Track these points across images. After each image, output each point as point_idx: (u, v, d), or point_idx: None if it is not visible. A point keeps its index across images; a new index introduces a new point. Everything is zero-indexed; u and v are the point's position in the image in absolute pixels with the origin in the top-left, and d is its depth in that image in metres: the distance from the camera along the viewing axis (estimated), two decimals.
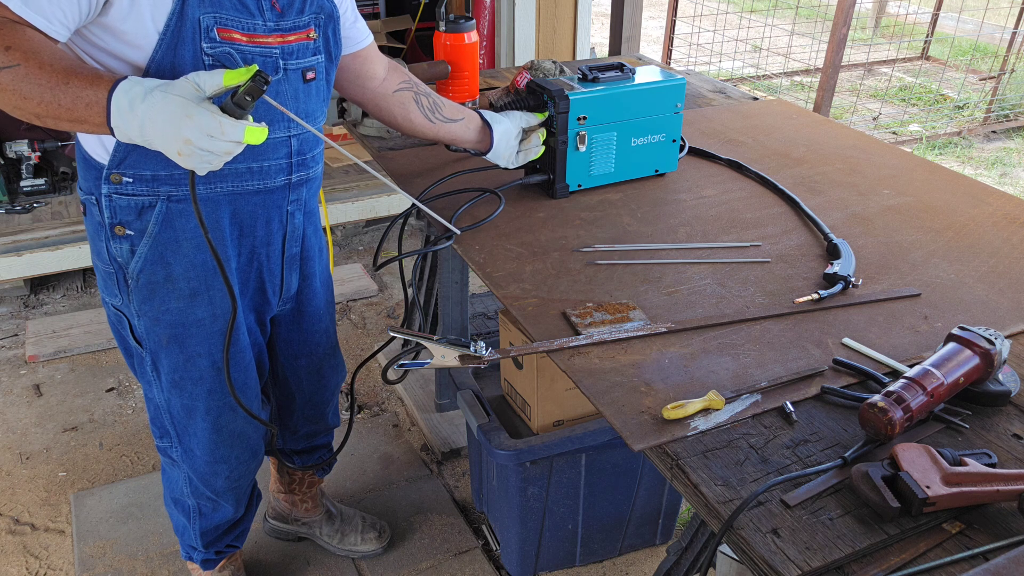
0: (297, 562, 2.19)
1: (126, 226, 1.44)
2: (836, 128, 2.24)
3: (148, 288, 1.50)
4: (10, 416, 2.73)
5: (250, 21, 1.35)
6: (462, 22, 2.14)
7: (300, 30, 1.43)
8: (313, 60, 1.48)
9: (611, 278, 1.49)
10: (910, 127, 5.48)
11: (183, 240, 1.47)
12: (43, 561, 2.20)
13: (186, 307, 1.53)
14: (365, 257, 3.74)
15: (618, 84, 1.73)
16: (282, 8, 1.40)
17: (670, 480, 1.10)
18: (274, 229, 1.57)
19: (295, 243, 1.63)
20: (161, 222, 1.44)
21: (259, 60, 1.37)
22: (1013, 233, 1.67)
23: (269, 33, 1.38)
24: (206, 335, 1.56)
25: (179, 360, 1.58)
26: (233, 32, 1.33)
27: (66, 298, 3.38)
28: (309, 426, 1.98)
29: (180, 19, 1.27)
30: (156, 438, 1.76)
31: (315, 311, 1.78)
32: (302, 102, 1.48)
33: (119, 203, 1.42)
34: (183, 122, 1.16)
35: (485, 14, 3.82)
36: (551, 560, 2.14)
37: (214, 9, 1.30)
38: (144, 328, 1.55)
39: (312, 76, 1.49)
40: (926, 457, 1.02)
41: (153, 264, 1.48)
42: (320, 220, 1.75)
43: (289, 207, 1.58)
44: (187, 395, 1.63)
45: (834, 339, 1.33)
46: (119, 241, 1.46)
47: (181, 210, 1.44)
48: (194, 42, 1.29)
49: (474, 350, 1.26)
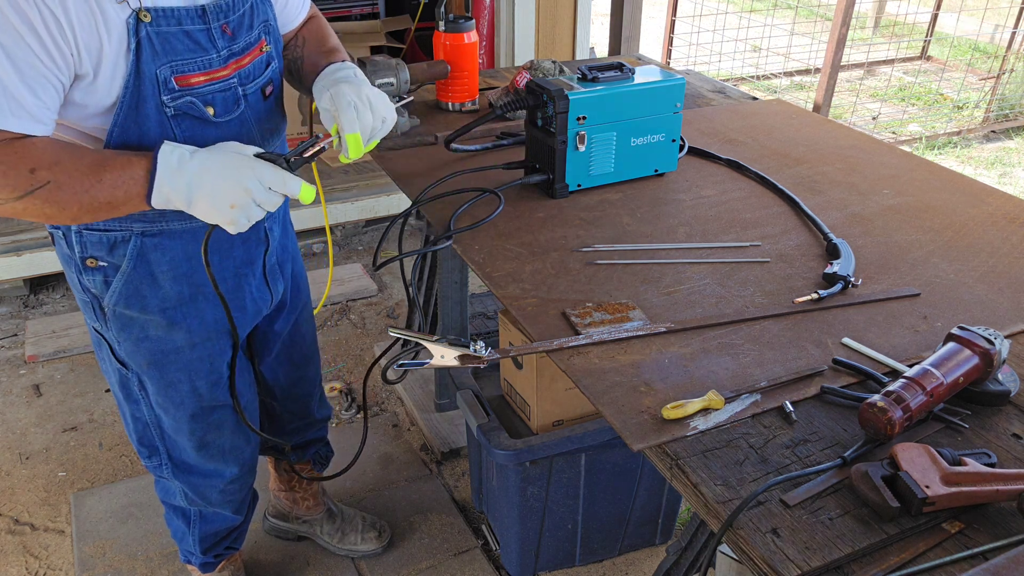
0: (297, 562, 2.19)
1: (98, 259, 1.41)
2: (836, 128, 2.24)
3: (126, 318, 1.48)
4: (10, 416, 2.72)
5: (205, 58, 1.29)
6: (462, 22, 2.14)
7: (253, 47, 1.38)
8: (269, 72, 1.43)
9: (611, 278, 1.49)
10: (910, 127, 5.48)
11: (158, 274, 1.44)
12: (43, 561, 2.20)
13: (164, 335, 1.51)
14: (365, 257, 3.74)
15: (618, 84, 1.73)
16: (233, 31, 1.33)
17: (670, 480, 1.10)
18: (252, 248, 1.56)
19: (272, 255, 1.63)
20: (136, 257, 1.41)
21: (220, 98, 1.32)
22: (1013, 233, 1.67)
23: (224, 63, 1.32)
24: (184, 363, 1.55)
25: (160, 384, 1.57)
26: (191, 77, 1.28)
27: (66, 298, 3.38)
28: (296, 420, 1.98)
29: (137, 77, 1.21)
30: (144, 458, 1.73)
31: (290, 307, 1.78)
32: (265, 121, 1.45)
33: (89, 239, 1.39)
34: (246, 172, 1.20)
35: (485, 14, 3.82)
36: (551, 560, 2.14)
37: (168, 58, 1.24)
38: (125, 352, 1.53)
39: (271, 90, 1.45)
40: (926, 457, 1.02)
41: (128, 297, 1.45)
42: (289, 220, 1.75)
43: (267, 224, 1.57)
44: (171, 416, 1.62)
45: (834, 339, 1.33)
46: (92, 273, 1.42)
47: (156, 244, 1.41)
48: (155, 97, 1.24)
49: (474, 350, 1.25)
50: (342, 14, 4.59)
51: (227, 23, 1.32)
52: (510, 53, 3.85)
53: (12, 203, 1.17)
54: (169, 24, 1.23)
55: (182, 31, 1.25)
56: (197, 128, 1.31)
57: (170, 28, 1.23)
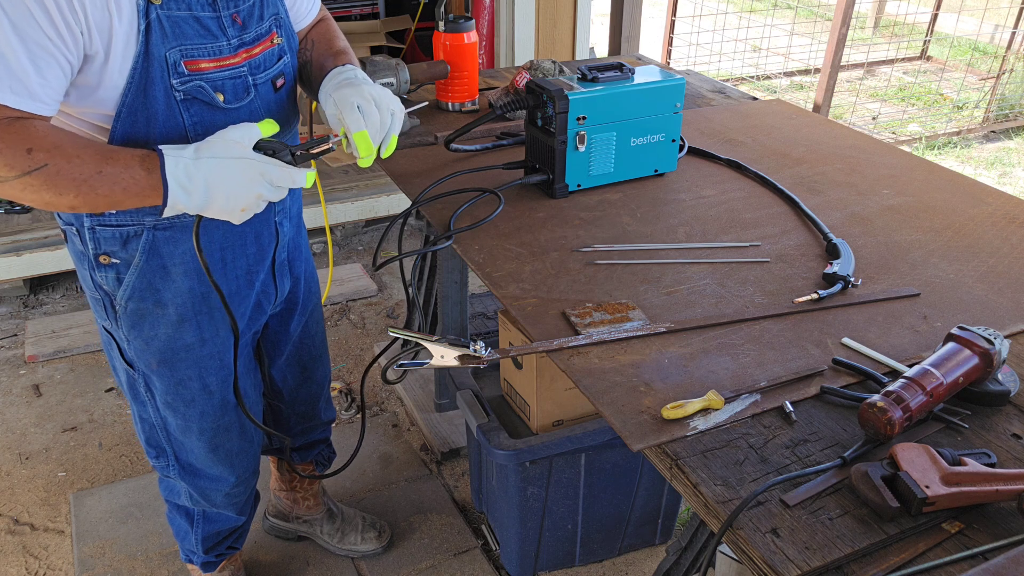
0: (297, 562, 2.19)
1: (111, 255, 1.41)
2: (835, 128, 2.24)
3: (137, 315, 1.47)
4: (9, 416, 2.72)
5: (215, 44, 1.30)
6: (462, 22, 2.14)
7: (264, 38, 1.39)
8: (280, 65, 1.44)
9: (610, 278, 1.49)
10: (909, 127, 5.48)
11: (171, 267, 1.44)
12: (43, 561, 2.20)
13: (174, 333, 1.50)
14: (365, 257, 3.74)
15: (617, 84, 1.73)
16: (243, 21, 1.35)
17: (669, 480, 1.10)
18: (264, 243, 1.56)
19: (283, 250, 1.63)
20: (148, 251, 1.41)
21: (229, 84, 1.33)
22: (1012, 233, 1.67)
23: (235, 51, 1.33)
24: (195, 359, 1.55)
25: (170, 383, 1.56)
26: (200, 62, 1.28)
27: (65, 298, 3.38)
28: (302, 423, 1.98)
29: (146, 59, 1.22)
30: (151, 458, 1.73)
31: (300, 308, 1.78)
32: (276, 113, 1.45)
33: (103, 235, 1.39)
34: (255, 179, 1.23)
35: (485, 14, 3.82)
36: (550, 560, 2.14)
37: (178, 41, 1.25)
38: (134, 352, 1.53)
39: (282, 83, 1.45)
40: (925, 457, 1.02)
41: (142, 292, 1.45)
42: (302, 221, 1.75)
43: (276, 218, 1.57)
44: (180, 416, 1.62)
45: (833, 339, 1.33)
46: (104, 270, 1.42)
47: (168, 237, 1.41)
48: (163, 80, 1.25)
49: (473, 350, 1.25)
50: (342, 14, 4.59)
51: (237, 12, 1.34)
52: (510, 53, 3.85)
53: (10, 182, 1.16)
54: (179, 8, 1.24)
55: (192, 16, 1.26)
56: (206, 113, 1.31)
57: (180, 12, 1.25)
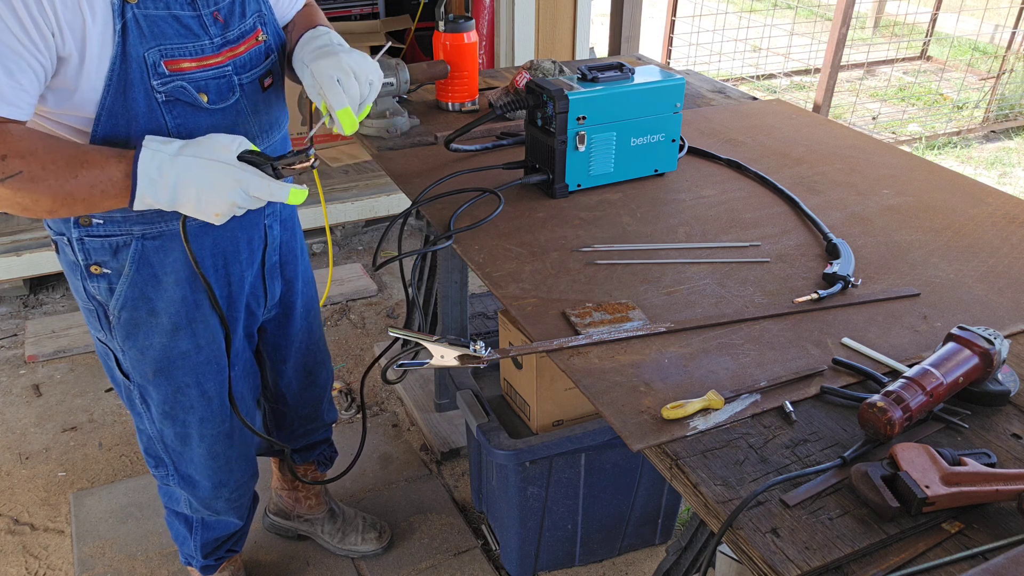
0: (296, 562, 2.19)
1: (102, 265, 1.40)
2: (835, 128, 2.24)
3: (131, 324, 1.46)
4: (9, 416, 2.72)
5: (196, 44, 1.27)
6: (461, 22, 2.14)
7: (248, 36, 1.36)
8: (267, 63, 1.41)
9: (610, 278, 1.49)
10: (909, 127, 5.48)
11: (162, 277, 1.43)
12: (42, 561, 2.20)
13: (169, 342, 1.49)
14: (364, 257, 3.74)
15: (617, 84, 1.73)
16: (225, 18, 1.31)
17: (669, 480, 1.10)
18: (256, 247, 1.55)
19: (274, 253, 1.62)
20: (138, 261, 1.40)
21: (213, 84, 1.30)
22: (1012, 233, 1.67)
23: (218, 51, 1.30)
24: (191, 366, 1.54)
25: (168, 391, 1.55)
26: (181, 62, 1.25)
27: (65, 298, 3.38)
28: (305, 425, 1.98)
29: (124, 60, 1.19)
30: (151, 467, 1.73)
31: (298, 312, 1.78)
32: (263, 113, 1.42)
33: (92, 245, 1.38)
34: (232, 187, 1.19)
35: (484, 14, 3.82)
36: (550, 560, 2.14)
37: (157, 41, 1.22)
38: (130, 362, 1.52)
39: (270, 82, 1.42)
40: (925, 457, 1.02)
41: (135, 301, 1.44)
42: (299, 224, 1.74)
43: (266, 221, 1.56)
44: (180, 424, 1.60)
45: (833, 339, 1.33)
46: (96, 280, 1.41)
47: (157, 247, 1.40)
48: (143, 81, 1.22)
49: (473, 350, 1.25)
50: (342, 14, 4.59)
51: (218, 10, 1.30)
52: (510, 53, 3.85)
53: None
54: (157, 7, 1.21)
55: (171, 15, 1.23)
56: (189, 115, 1.28)
57: (158, 11, 1.21)
